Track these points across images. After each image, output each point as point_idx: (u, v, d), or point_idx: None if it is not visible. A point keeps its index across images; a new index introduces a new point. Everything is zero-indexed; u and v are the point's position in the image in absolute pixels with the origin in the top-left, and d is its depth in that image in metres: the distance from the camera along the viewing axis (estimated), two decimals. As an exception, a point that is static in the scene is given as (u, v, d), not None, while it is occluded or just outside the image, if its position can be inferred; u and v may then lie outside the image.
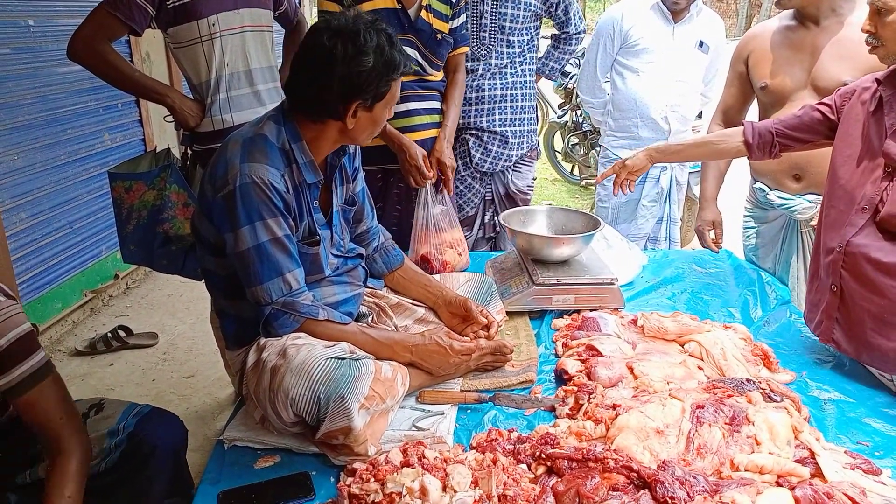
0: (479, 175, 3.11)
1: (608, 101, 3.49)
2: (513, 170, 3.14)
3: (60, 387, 1.52)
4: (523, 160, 3.16)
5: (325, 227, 1.80)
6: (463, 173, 3.07)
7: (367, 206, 2.01)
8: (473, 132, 3.03)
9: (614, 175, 2.34)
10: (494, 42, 2.97)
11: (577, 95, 6.63)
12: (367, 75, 1.60)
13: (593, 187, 6.64)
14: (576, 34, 3.24)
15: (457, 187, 3.04)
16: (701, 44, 3.27)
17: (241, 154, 1.60)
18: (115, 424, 1.65)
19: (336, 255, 1.87)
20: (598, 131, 4.10)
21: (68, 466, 1.46)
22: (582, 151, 6.88)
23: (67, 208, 3.63)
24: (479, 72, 2.97)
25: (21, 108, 3.31)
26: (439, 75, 2.65)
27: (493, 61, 2.98)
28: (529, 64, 3.11)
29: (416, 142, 2.60)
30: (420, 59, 2.54)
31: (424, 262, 2.36)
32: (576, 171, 7.25)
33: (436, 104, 2.67)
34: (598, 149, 6.50)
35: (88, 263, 3.85)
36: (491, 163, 3.06)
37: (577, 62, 6.48)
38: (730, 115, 2.67)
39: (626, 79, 3.32)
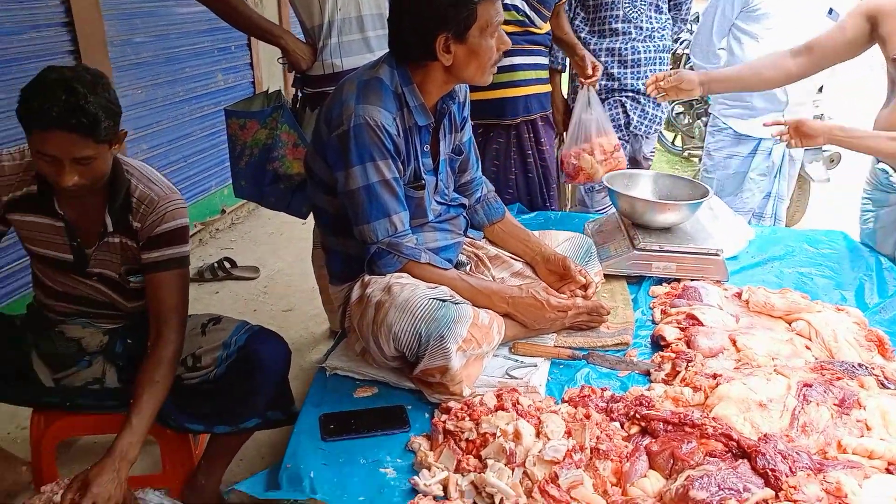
0: (627, 139, 3.06)
1: (723, 67, 3.33)
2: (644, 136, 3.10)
3: (184, 285, 1.72)
4: None
5: (431, 173, 1.82)
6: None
7: (472, 157, 2.02)
8: (630, 94, 2.99)
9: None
10: (645, 4, 2.90)
11: (687, 61, 6.35)
12: (434, 4, 1.58)
13: (696, 159, 6.40)
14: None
15: None
16: (830, 11, 3.05)
17: (357, 95, 1.64)
18: (229, 337, 1.77)
19: (439, 203, 1.89)
20: (705, 100, 3.93)
21: (164, 353, 1.65)
22: (686, 121, 6.61)
23: (183, 143, 3.83)
24: (632, 34, 2.91)
25: (145, 45, 3.48)
26: (546, 27, 2.60)
27: (644, 25, 2.92)
28: (670, 28, 3.04)
29: (518, 98, 2.57)
30: (527, 10, 2.49)
31: (561, 166, 2.31)
32: (678, 142, 6.99)
33: (541, 60, 2.62)
34: (703, 118, 6.27)
35: (199, 197, 4.06)
36: (646, 125, 3.02)
37: (690, 28, 6.20)
38: (811, 54, 2.35)
39: (745, 45, 3.14)
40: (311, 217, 2.62)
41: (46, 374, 1.79)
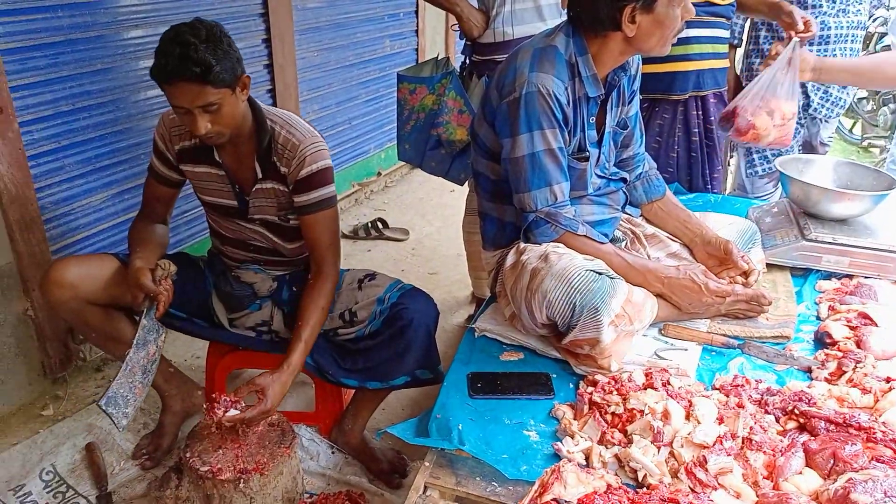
0: (803, 122, 2.87)
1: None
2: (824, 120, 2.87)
3: (335, 222, 1.85)
4: None
5: (595, 145, 1.81)
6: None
7: (636, 132, 1.98)
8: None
9: None
10: None
11: (879, 40, 5.76)
12: None
13: (877, 150, 5.83)
14: None
15: None
16: None
17: (531, 63, 1.65)
18: (383, 294, 1.87)
19: (599, 176, 1.88)
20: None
21: (325, 285, 1.81)
22: (870, 107, 6.01)
23: (348, 106, 4.02)
24: (823, 7, 2.70)
25: (322, 10, 3.67)
26: None
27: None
28: (862, 4, 2.77)
29: (689, 73, 2.46)
30: None
31: (730, 117, 2.19)
32: (856, 130, 6.38)
33: (721, 33, 2.48)
34: (892, 105, 5.67)
35: (358, 159, 4.27)
36: (828, 109, 2.81)
37: (888, 4, 5.59)
38: None
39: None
40: (461, 186, 2.70)
41: (223, 313, 1.98)
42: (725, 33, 2.49)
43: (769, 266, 2.04)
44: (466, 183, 2.65)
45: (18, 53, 2.08)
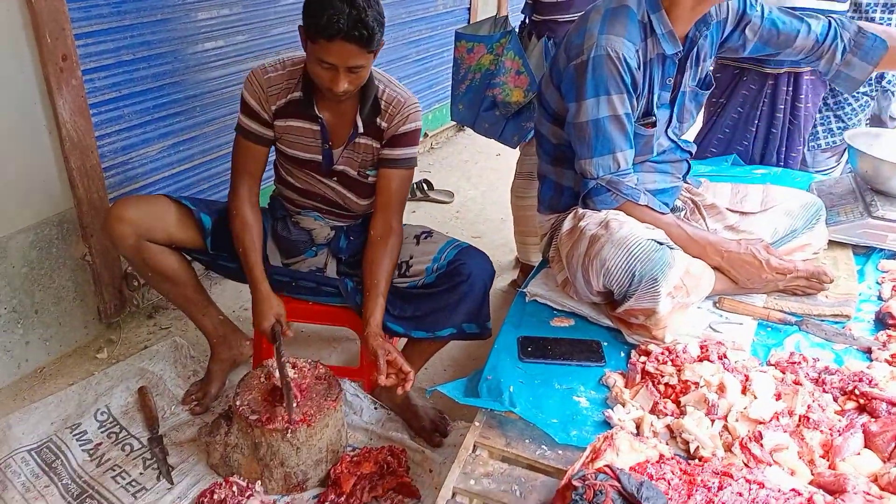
0: (873, 95, 2.71)
1: None
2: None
3: (409, 184, 1.90)
4: None
5: (667, 106, 1.75)
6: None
7: (787, 24, 1.81)
8: None
9: None
10: None
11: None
12: None
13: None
14: None
15: (845, 101, 2.65)
16: None
17: (601, 24, 1.60)
18: (440, 249, 1.88)
19: (669, 139, 1.82)
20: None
21: (394, 241, 1.85)
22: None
23: (399, 65, 3.98)
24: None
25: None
26: None
27: None
28: None
29: None
30: None
31: None
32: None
33: (836, 6, 2.27)
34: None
35: (405, 119, 4.24)
36: None
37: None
38: None
39: None
40: (513, 149, 2.66)
41: (277, 258, 2.02)
42: (842, 6, 2.33)
43: (831, 243, 1.98)
44: (518, 147, 2.61)
45: (82, 1, 2.09)
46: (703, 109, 1.92)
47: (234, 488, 1.66)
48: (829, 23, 1.83)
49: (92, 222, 2.22)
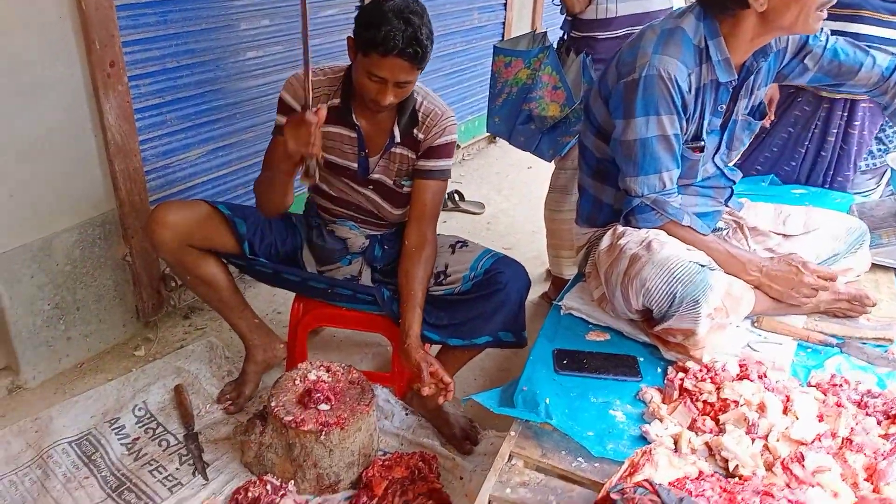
0: None
1: None
2: None
3: (443, 196, 1.91)
4: None
5: (717, 132, 1.74)
6: None
7: (850, 55, 1.78)
8: None
9: None
10: None
11: None
12: None
13: None
14: None
15: (887, 123, 2.50)
16: None
17: (656, 44, 1.58)
18: (476, 259, 1.89)
19: (715, 166, 1.80)
20: None
21: (428, 252, 1.86)
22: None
23: (432, 77, 4.00)
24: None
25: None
26: None
27: None
28: None
29: None
30: None
31: None
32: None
33: None
34: None
35: (438, 131, 4.26)
36: None
37: None
38: None
39: None
40: (548, 162, 2.67)
41: (312, 266, 2.05)
42: None
43: (873, 266, 1.95)
44: (553, 161, 2.62)
45: (131, 10, 2.15)
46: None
47: (268, 487, 1.69)
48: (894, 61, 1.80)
49: (133, 224, 2.27)
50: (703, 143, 1.70)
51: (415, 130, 1.83)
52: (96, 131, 2.12)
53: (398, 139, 1.83)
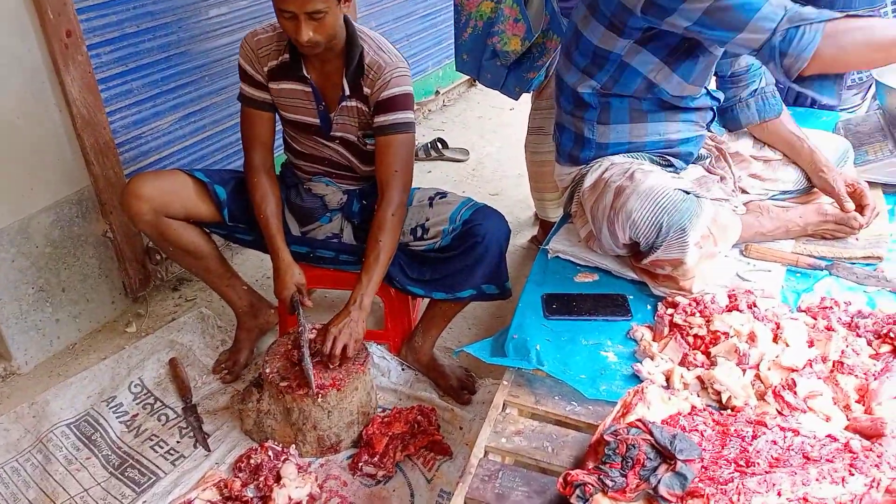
0: None
1: None
2: None
3: (408, 150, 1.81)
4: None
5: None
6: None
7: None
8: None
9: None
10: None
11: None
12: None
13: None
14: None
15: None
16: None
17: None
18: (455, 211, 1.86)
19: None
20: None
21: (386, 213, 1.76)
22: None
23: (405, 21, 3.89)
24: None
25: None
26: None
27: None
28: None
29: None
30: None
31: None
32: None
33: None
34: None
35: (416, 78, 4.16)
36: None
37: None
38: None
39: None
40: (516, 100, 2.59)
41: (295, 226, 2.02)
42: None
43: (860, 183, 1.93)
44: (530, 100, 2.56)
45: (80, -28, 2.06)
46: None
47: (270, 453, 1.69)
48: (762, 70, 1.81)
49: (110, 199, 2.23)
50: None
51: (361, 82, 1.76)
52: (61, 106, 2.06)
53: (347, 92, 1.77)
